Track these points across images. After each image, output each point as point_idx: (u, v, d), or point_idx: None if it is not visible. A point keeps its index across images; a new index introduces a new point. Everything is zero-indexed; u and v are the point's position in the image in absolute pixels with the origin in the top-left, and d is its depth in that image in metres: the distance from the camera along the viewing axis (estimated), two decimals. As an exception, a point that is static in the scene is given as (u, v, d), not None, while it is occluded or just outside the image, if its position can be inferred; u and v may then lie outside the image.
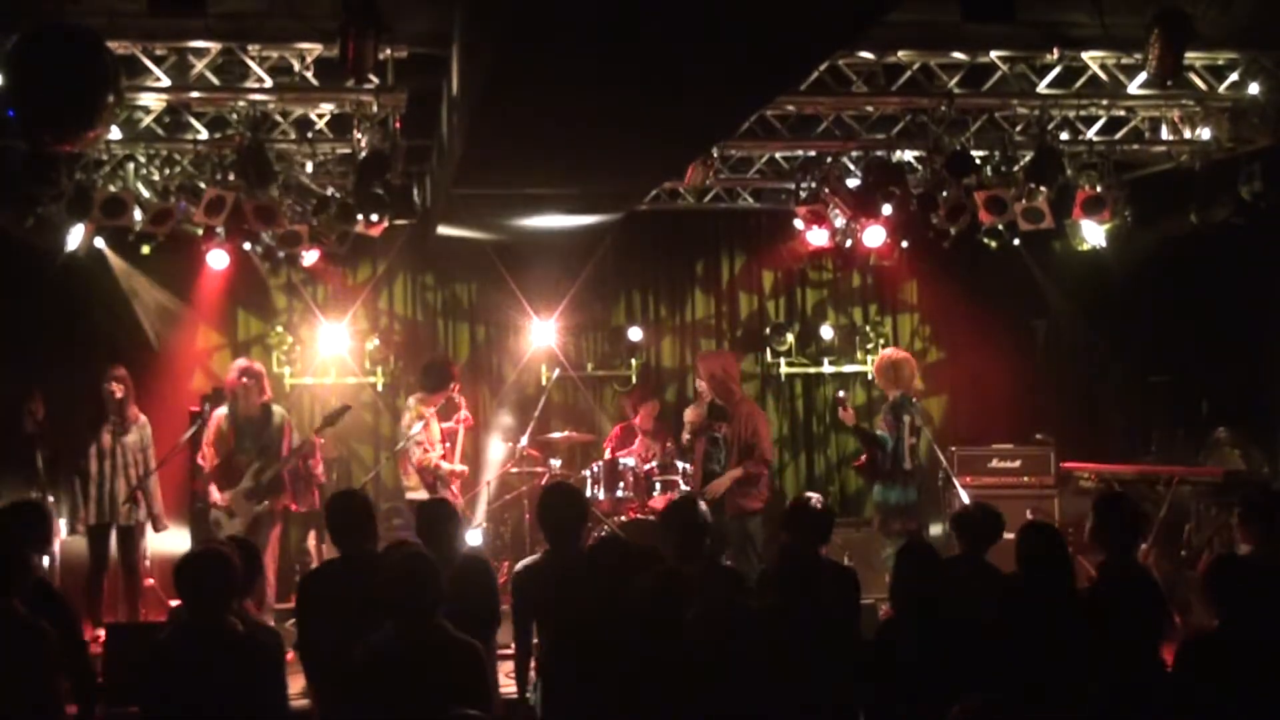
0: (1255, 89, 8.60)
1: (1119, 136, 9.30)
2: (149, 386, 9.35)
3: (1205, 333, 9.98)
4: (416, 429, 8.61)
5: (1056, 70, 8.52)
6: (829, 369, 11.18)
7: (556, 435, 9.95)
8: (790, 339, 11.06)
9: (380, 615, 4.53)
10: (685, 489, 8.88)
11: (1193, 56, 8.20)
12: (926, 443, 8.83)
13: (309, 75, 7.97)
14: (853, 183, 9.45)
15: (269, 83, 7.93)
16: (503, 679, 6.35)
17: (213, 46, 7.74)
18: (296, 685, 5.62)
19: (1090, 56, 8.45)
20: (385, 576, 4.59)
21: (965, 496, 8.52)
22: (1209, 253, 9.62)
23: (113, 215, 8.44)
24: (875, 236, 9.49)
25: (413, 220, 9.94)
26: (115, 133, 8.32)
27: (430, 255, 10.49)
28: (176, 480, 9.33)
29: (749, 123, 8.75)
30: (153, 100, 8.14)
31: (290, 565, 9.32)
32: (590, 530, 8.57)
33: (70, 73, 6.25)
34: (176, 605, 5.57)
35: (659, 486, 9.17)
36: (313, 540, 9.42)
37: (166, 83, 7.83)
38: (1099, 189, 9.18)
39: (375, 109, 8.18)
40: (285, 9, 7.50)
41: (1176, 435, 9.92)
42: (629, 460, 9.28)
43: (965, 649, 4.74)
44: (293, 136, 8.67)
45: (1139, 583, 5.47)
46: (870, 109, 8.97)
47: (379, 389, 10.52)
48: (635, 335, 10.84)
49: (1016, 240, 9.46)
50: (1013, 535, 5.42)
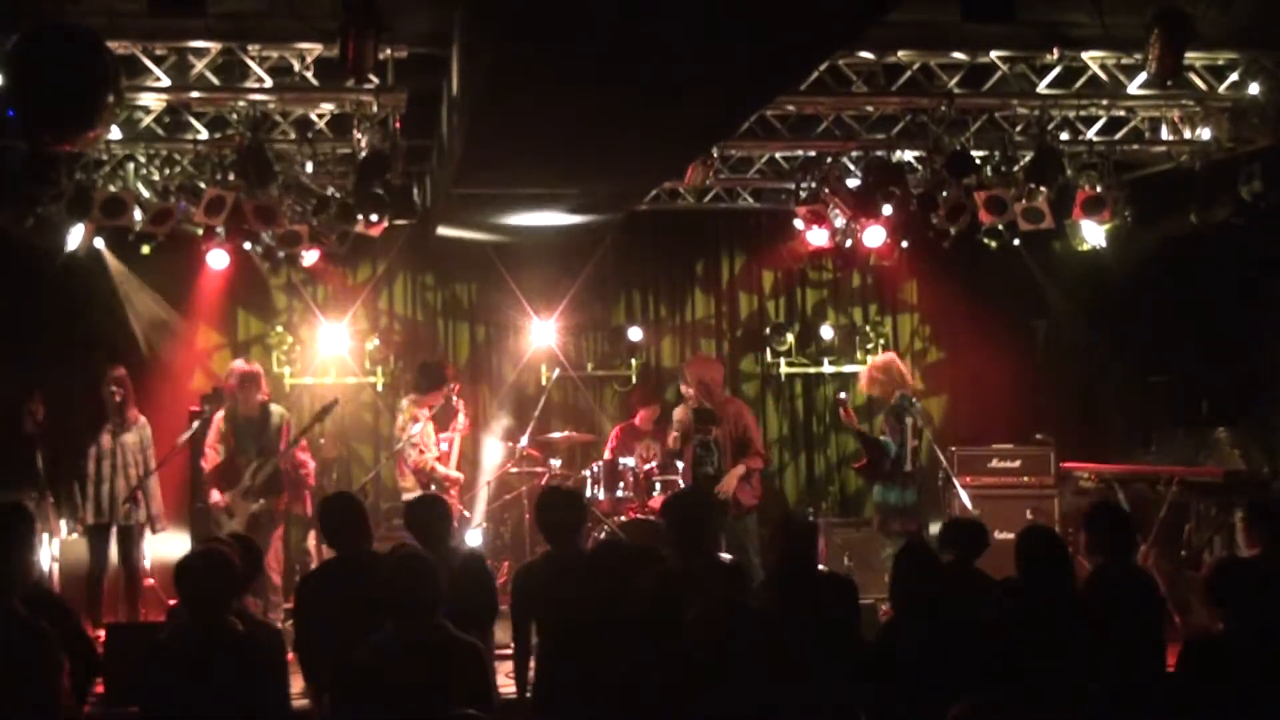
0: (1255, 89, 8.59)
1: (1119, 136, 9.29)
2: (149, 387, 9.36)
3: (1205, 333, 9.97)
4: (415, 430, 8.62)
5: (1056, 70, 8.51)
6: (829, 369, 11.17)
7: (556, 435, 9.96)
8: (790, 339, 11.05)
9: (379, 615, 4.54)
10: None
11: (1193, 56, 8.20)
12: (927, 443, 8.83)
13: (309, 75, 7.97)
14: (853, 183, 9.44)
15: (269, 83, 7.93)
16: (502, 679, 6.35)
17: (213, 46, 7.74)
18: (296, 685, 5.62)
19: (1090, 56, 8.45)
20: (385, 576, 4.59)
21: (965, 497, 8.52)
22: (1209, 253, 9.61)
23: (113, 215, 8.44)
24: (875, 236, 9.48)
25: (413, 220, 9.93)
26: (115, 133, 8.32)
27: (430, 255, 10.48)
28: (176, 481, 9.32)
29: (749, 123, 8.74)
30: (153, 100, 8.14)
31: (290, 566, 9.33)
32: (590, 530, 8.58)
33: (70, 73, 6.25)
34: (175, 604, 5.58)
35: (659, 486, 9.17)
36: (312, 541, 9.41)
37: (166, 83, 7.83)
38: (1099, 189, 9.18)
39: (375, 109, 8.18)
40: (285, 9, 7.50)
41: (1176, 435, 9.90)
42: (629, 460, 9.28)
43: (965, 649, 4.74)
44: (293, 136, 8.67)
45: (1138, 584, 5.48)
46: (870, 109, 8.97)
47: (379, 389, 10.51)
48: (635, 335, 10.83)
49: (1016, 240, 9.45)
50: (1013, 536, 5.43)
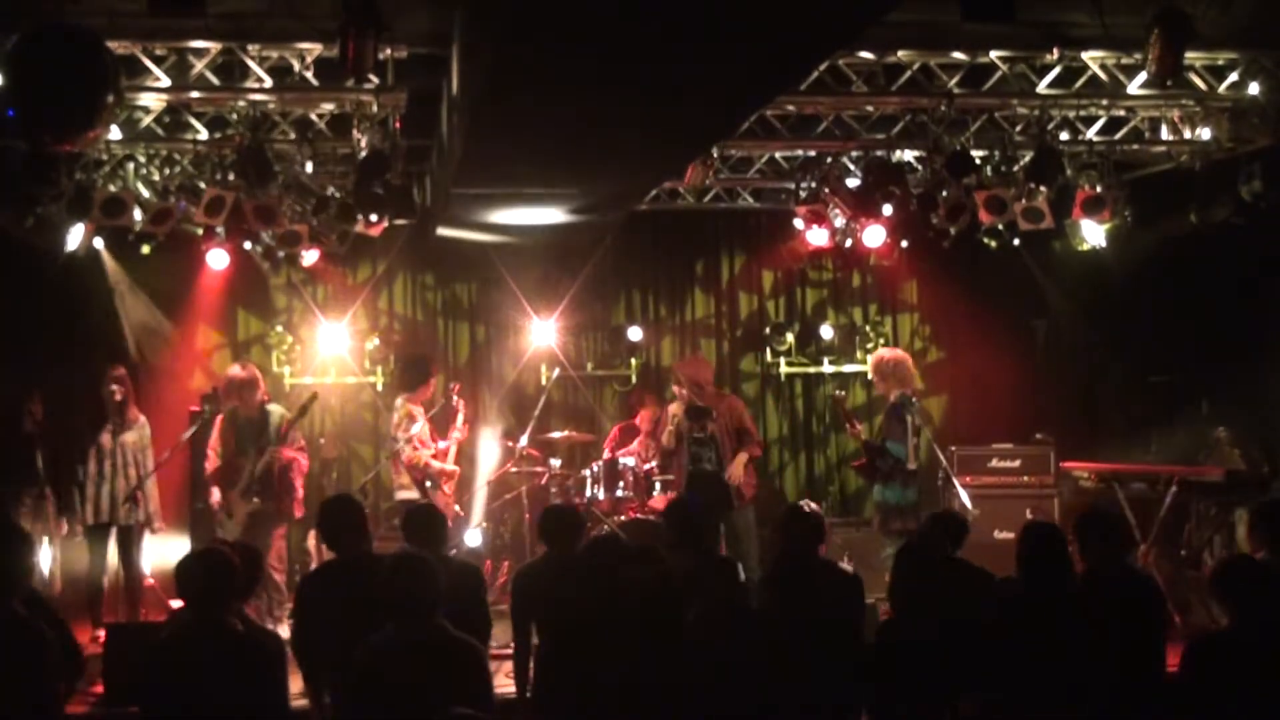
0: (1255, 89, 8.60)
1: (1119, 136, 9.29)
2: (149, 387, 9.36)
3: (1205, 333, 9.97)
4: (417, 429, 8.62)
5: (1056, 70, 8.51)
6: (829, 369, 11.18)
7: (556, 435, 9.96)
8: (790, 339, 11.06)
9: (377, 616, 4.53)
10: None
11: (1193, 56, 8.20)
12: (927, 442, 8.83)
13: (309, 75, 7.97)
14: (853, 183, 9.44)
15: (269, 83, 7.93)
16: (502, 679, 6.36)
17: (213, 46, 7.74)
18: (296, 685, 5.62)
19: (1090, 56, 8.45)
20: (384, 577, 4.59)
21: (965, 496, 8.52)
22: (1209, 253, 9.61)
23: (113, 215, 8.44)
24: (875, 236, 9.48)
25: (413, 220, 9.93)
26: (115, 133, 8.33)
27: (430, 255, 10.48)
28: (176, 481, 9.32)
29: (749, 123, 8.74)
30: (153, 100, 8.15)
31: (290, 566, 9.32)
32: (590, 530, 8.59)
33: (70, 73, 6.25)
34: (178, 606, 5.57)
35: (659, 486, 9.18)
36: (312, 540, 9.41)
37: (166, 83, 7.83)
38: (1099, 189, 9.18)
39: (375, 109, 8.18)
40: (285, 9, 7.50)
41: (1176, 435, 9.91)
42: (629, 460, 9.29)
43: (965, 649, 4.74)
44: (293, 136, 8.67)
45: (1135, 584, 5.48)
46: (870, 109, 8.97)
47: (379, 389, 10.51)
48: (635, 335, 10.83)
49: (1016, 240, 9.44)
50: (1013, 536, 5.43)
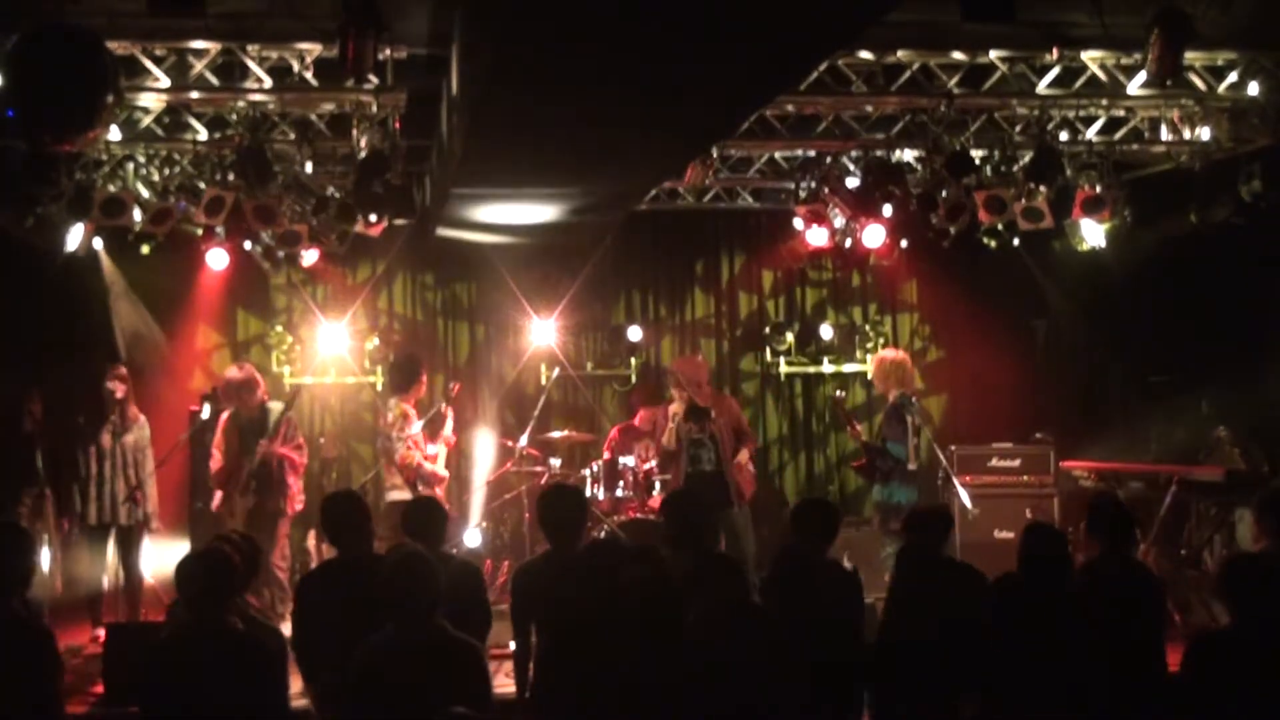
0: (1255, 89, 8.60)
1: (1118, 136, 9.28)
2: (148, 386, 9.35)
3: (1205, 333, 9.97)
4: (415, 429, 8.62)
5: (1056, 70, 8.51)
6: (829, 368, 11.18)
7: (556, 435, 9.95)
8: (790, 338, 11.05)
9: (377, 617, 4.53)
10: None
11: (1192, 56, 8.21)
12: (927, 442, 8.83)
13: (309, 75, 7.97)
14: (852, 182, 9.44)
15: (269, 83, 7.93)
16: (502, 678, 6.36)
17: (212, 47, 7.74)
18: (297, 685, 5.61)
19: (1090, 56, 8.45)
20: (385, 576, 4.59)
21: (965, 495, 8.53)
22: (1209, 253, 9.61)
23: (112, 215, 8.43)
24: (875, 236, 9.47)
25: (412, 220, 9.94)
26: (115, 133, 8.33)
27: (430, 255, 10.48)
28: (175, 481, 9.33)
29: (749, 123, 8.74)
30: (152, 100, 8.14)
31: (290, 566, 9.31)
32: (590, 530, 8.58)
33: (70, 73, 6.25)
34: (174, 601, 5.58)
35: (659, 486, 9.17)
36: (312, 540, 9.42)
37: (166, 83, 7.83)
38: (1099, 189, 9.18)
39: (375, 109, 8.18)
40: (285, 9, 7.49)
41: (1176, 435, 9.91)
42: (629, 460, 9.28)
43: (965, 649, 4.74)
44: (292, 136, 8.67)
45: (1136, 578, 5.48)
46: (870, 109, 8.97)
47: (379, 389, 10.50)
48: (635, 335, 10.83)
49: (1016, 240, 9.44)
50: (1013, 535, 5.43)
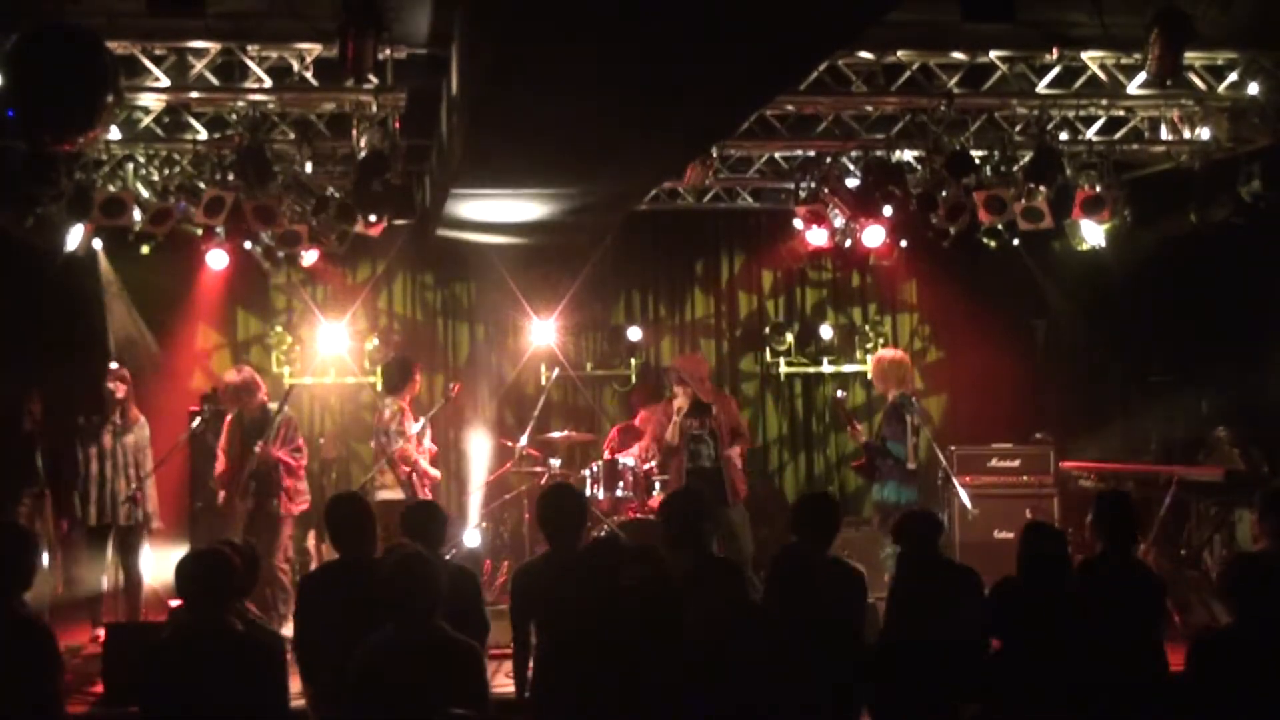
0: (1255, 89, 8.60)
1: (1118, 136, 9.29)
2: (148, 386, 9.34)
3: (1205, 333, 9.98)
4: (417, 427, 8.64)
5: (1056, 70, 8.51)
6: (828, 368, 11.17)
7: (556, 435, 9.96)
8: (790, 338, 11.05)
9: (377, 619, 4.53)
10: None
11: (1192, 56, 8.20)
12: (926, 442, 8.83)
13: (309, 75, 7.97)
14: (852, 182, 9.44)
15: (268, 83, 7.93)
16: (502, 679, 6.36)
17: (212, 46, 7.74)
18: (297, 685, 5.61)
19: (1090, 56, 8.45)
20: (385, 577, 4.59)
21: (965, 496, 8.53)
22: (1209, 253, 9.61)
23: (112, 215, 8.44)
24: (875, 236, 9.47)
25: (412, 220, 9.93)
26: (115, 133, 8.33)
27: (430, 255, 10.48)
28: (174, 481, 9.33)
29: (749, 123, 8.74)
30: (152, 100, 8.14)
31: (292, 566, 9.31)
32: (590, 530, 8.57)
33: (70, 73, 6.25)
34: (176, 606, 5.58)
35: (659, 486, 9.17)
36: (312, 540, 9.42)
37: (166, 83, 7.82)
38: (1098, 189, 9.18)
39: (375, 109, 8.18)
40: (285, 9, 7.49)
41: (1176, 435, 9.91)
42: (628, 460, 9.28)
43: (966, 648, 4.74)
44: (292, 136, 8.67)
45: (1137, 576, 5.48)
46: (870, 109, 8.97)
47: (379, 389, 10.49)
48: (635, 335, 10.83)
49: (1016, 240, 9.45)
50: (1013, 535, 5.43)
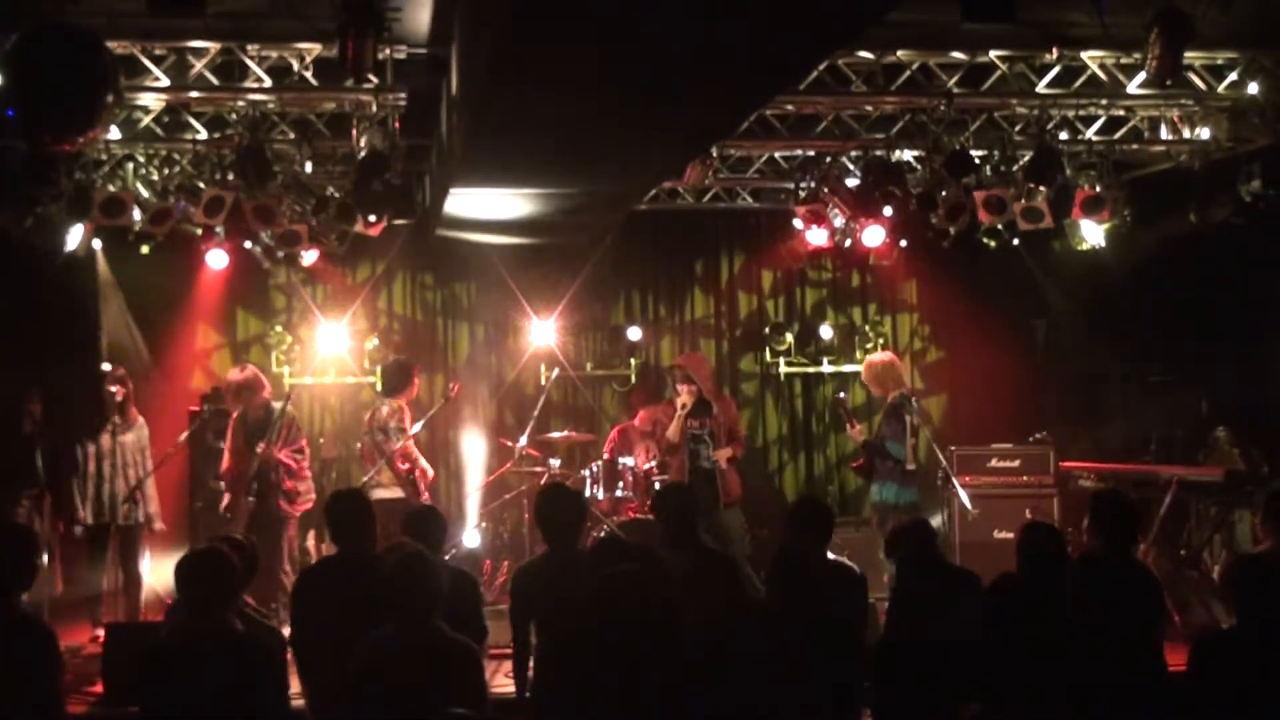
0: (1255, 89, 8.60)
1: (1118, 136, 9.29)
2: (148, 386, 9.35)
3: (1205, 333, 9.98)
4: (418, 427, 8.66)
5: (1056, 70, 8.52)
6: (828, 368, 11.18)
7: (556, 435, 9.96)
8: (789, 338, 11.05)
9: (375, 614, 4.53)
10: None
11: (1192, 56, 8.20)
12: (925, 442, 8.83)
13: (308, 75, 7.97)
14: (852, 182, 9.44)
15: (268, 82, 7.93)
16: (501, 678, 6.36)
17: (212, 46, 7.74)
18: (297, 685, 5.61)
19: (1090, 56, 8.45)
20: (385, 576, 4.59)
21: (964, 496, 8.53)
22: (1209, 253, 9.62)
23: (112, 215, 8.44)
24: (874, 236, 9.47)
25: (412, 220, 9.93)
26: (115, 133, 8.34)
27: (430, 255, 10.48)
28: (174, 481, 9.33)
29: (749, 123, 8.74)
30: (152, 100, 8.14)
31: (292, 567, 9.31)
32: (590, 530, 8.57)
33: (70, 73, 6.25)
34: (172, 603, 5.57)
35: (658, 486, 9.16)
36: (312, 540, 9.42)
37: (166, 83, 7.82)
38: (1098, 189, 9.19)
39: (375, 109, 8.18)
40: (285, 9, 7.49)
41: (1176, 435, 9.91)
42: (628, 460, 9.28)
43: (967, 648, 4.74)
44: (292, 136, 8.67)
45: (1138, 579, 5.47)
46: (870, 109, 8.97)
47: (378, 389, 10.49)
48: (634, 335, 10.84)
49: (1016, 240, 9.45)
50: (1012, 535, 5.43)
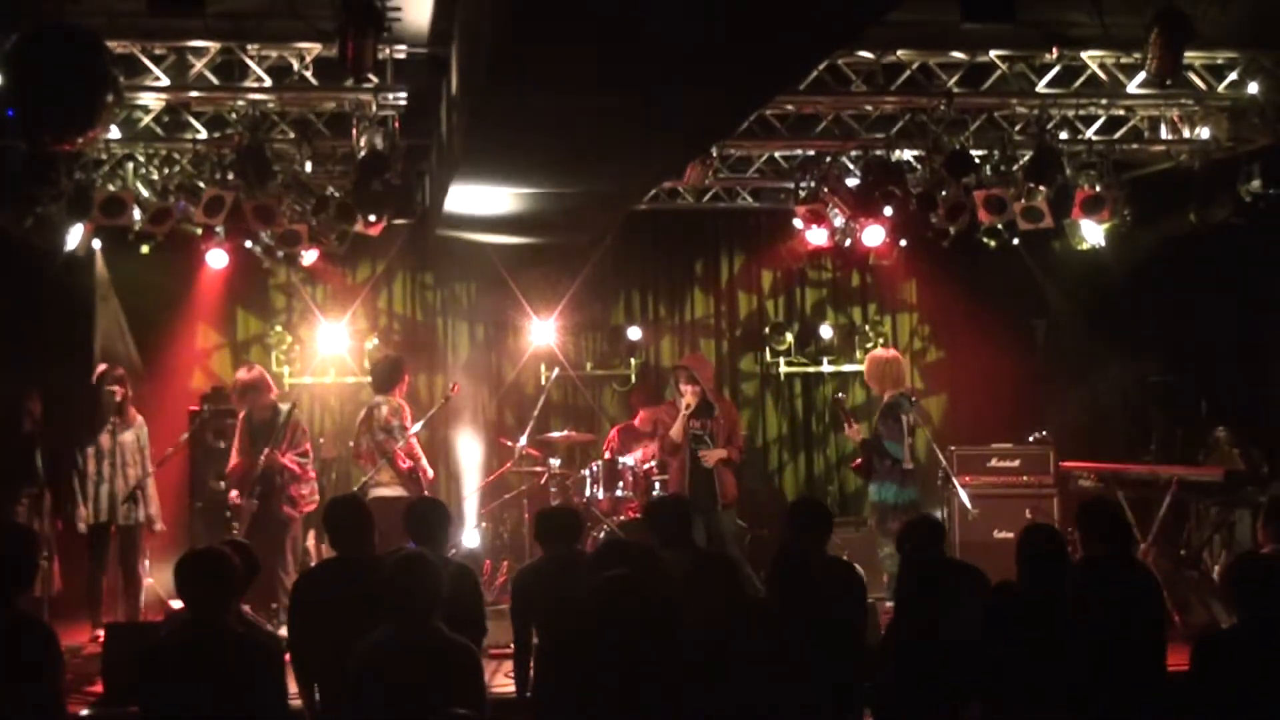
0: (1255, 88, 8.60)
1: (1118, 136, 9.29)
2: (139, 391, 9.33)
3: (1205, 333, 9.98)
4: (419, 426, 8.66)
5: (1056, 70, 8.52)
6: (828, 368, 11.18)
7: (556, 435, 9.97)
8: (789, 338, 11.05)
9: (372, 618, 4.53)
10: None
11: (1192, 56, 8.21)
12: (924, 441, 8.83)
13: (308, 75, 7.97)
14: (852, 182, 9.44)
15: (268, 82, 7.93)
16: (501, 678, 6.36)
17: (212, 46, 7.74)
18: (295, 685, 5.61)
19: (1089, 56, 8.46)
20: (385, 576, 4.59)
21: (964, 496, 8.53)
22: (1209, 253, 9.62)
23: (112, 215, 8.44)
24: (874, 236, 9.47)
25: (412, 220, 9.93)
26: (115, 133, 8.33)
27: (430, 255, 10.48)
28: (174, 481, 9.33)
29: (749, 122, 8.74)
30: (152, 100, 8.15)
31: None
32: (590, 530, 8.58)
33: (70, 73, 6.25)
34: (177, 608, 5.57)
35: (658, 486, 9.17)
36: (312, 540, 9.41)
37: (166, 82, 7.83)
38: (1098, 188, 9.18)
39: (375, 108, 8.18)
40: (285, 9, 7.49)
41: (1176, 435, 9.90)
42: (628, 460, 9.28)
43: (967, 648, 4.74)
44: (292, 136, 8.67)
45: (1138, 580, 5.47)
46: (870, 108, 8.97)
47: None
48: (634, 335, 10.84)
49: (1016, 240, 9.45)
50: (1012, 535, 5.43)
